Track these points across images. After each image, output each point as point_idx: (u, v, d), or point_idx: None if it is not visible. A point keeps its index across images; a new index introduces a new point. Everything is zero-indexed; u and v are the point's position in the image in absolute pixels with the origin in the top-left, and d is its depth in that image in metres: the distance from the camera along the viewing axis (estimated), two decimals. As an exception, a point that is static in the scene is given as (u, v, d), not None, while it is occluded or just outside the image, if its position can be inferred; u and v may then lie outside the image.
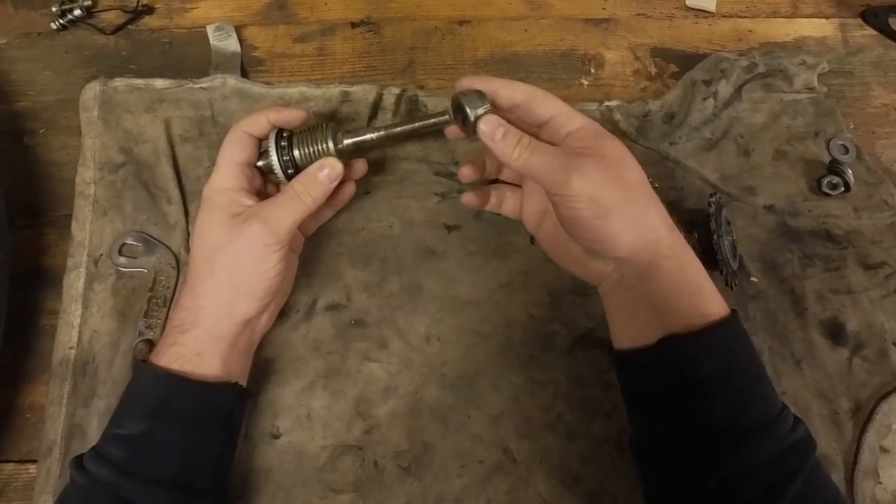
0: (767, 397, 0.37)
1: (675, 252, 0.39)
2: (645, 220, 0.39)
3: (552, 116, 0.41)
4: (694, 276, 0.39)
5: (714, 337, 0.37)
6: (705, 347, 0.37)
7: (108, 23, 0.59)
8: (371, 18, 0.60)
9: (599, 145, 0.40)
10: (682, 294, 0.38)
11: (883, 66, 0.59)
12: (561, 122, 0.41)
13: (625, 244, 0.39)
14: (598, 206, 0.38)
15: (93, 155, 0.52)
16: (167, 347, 0.40)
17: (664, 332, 0.38)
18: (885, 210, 0.52)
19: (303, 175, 0.43)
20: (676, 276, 0.39)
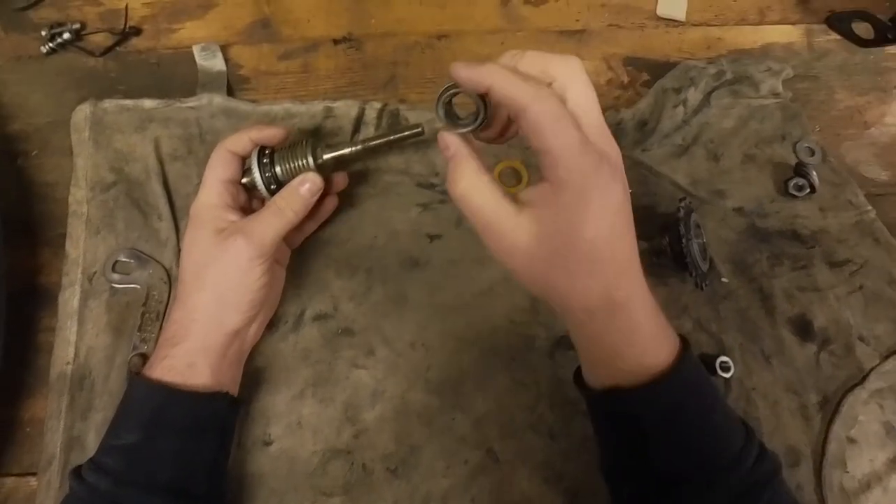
0: (721, 439, 0.36)
1: (619, 307, 0.35)
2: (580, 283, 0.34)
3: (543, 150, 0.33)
4: (639, 329, 0.36)
5: (656, 392, 0.35)
6: (646, 402, 0.36)
7: (97, 45, 0.61)
8: (353, 35, 0.61)
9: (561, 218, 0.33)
10: (623, 351, 0.36)
11: (847, 70, 0.61)
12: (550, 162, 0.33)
13: (556, 305, 0.37)
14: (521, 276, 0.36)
15: (85, 175, 0.54)
16: (159, 360, 0.41)
17: (608, 379, 0.37)
18: (850, 210, 0.54)
19: (284, 190, 0.45)
20: (617, 334, 0.35)
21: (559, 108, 0.32)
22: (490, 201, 0.35)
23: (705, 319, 0.50)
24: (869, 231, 0.53)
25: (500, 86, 0.33)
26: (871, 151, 0.58)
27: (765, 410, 0.47)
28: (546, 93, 0.32)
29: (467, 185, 0.35)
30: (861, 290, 0.51)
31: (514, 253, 0.35)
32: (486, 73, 0.33)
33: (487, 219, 0.35)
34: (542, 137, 0.32)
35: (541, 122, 0.32)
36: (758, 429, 0.47)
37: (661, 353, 0.36)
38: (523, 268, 0.35)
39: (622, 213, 0.34)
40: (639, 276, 0.36)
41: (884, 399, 0.48)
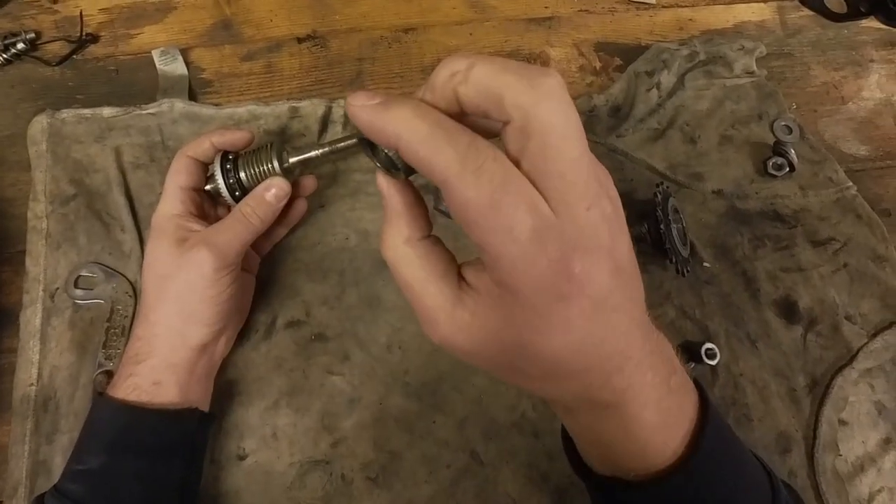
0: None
1: (608, 407, 0.26)
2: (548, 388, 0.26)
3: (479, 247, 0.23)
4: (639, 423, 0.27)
5: (665, 486, 0.28)
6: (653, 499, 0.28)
7: (53, 54, 0.58)
8: (317, 32, 0.59)
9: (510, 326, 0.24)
10: (619, 447, 0.28)
11: (821, 46, 0.59)
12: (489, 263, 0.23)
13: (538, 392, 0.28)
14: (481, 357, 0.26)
15: (43, 189, 0.51)
16: (123, 379, 0.39)
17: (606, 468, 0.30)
18: (831, 187, 0.52)
19: (249, 197, 0.42)
20: (608, 431, 0.27)
21: (498, 190, 0.21)
22: (419, 282, 0.25)
23: (689, 306, 0.48)
24: (850, 207, 0.51)
25: (411, 147, 0.22)
26: (849, 126, 0.56)
27: (753, 396, 0.45)
28: (478, 162, 0.21)
29: (392, 252, 0.26)
30: (845, 268, 0.49)
31: (452, 347, 0.25)
32: (393, 122, 0.22)
33: (416, 302, 0.26)
34: (471, 230, 0.22)
35: (468, 209, 0.21)
36: (747, 415, 0.45)
37: (672, 444, 0.28)
38: (467, 359, 0.26)
39: (606, 308, 0.23)
40: (641, 363, 0.26)
41: (874, 378, 0.46)
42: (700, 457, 0.28)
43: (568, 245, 0.22)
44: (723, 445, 0.30)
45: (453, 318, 0.25)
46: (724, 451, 0.30)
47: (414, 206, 0.26)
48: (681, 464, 0.28)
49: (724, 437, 0.30)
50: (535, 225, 0.21)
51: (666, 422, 0.28)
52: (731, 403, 0.45)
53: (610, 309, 0.24)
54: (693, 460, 0.28)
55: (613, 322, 0.24)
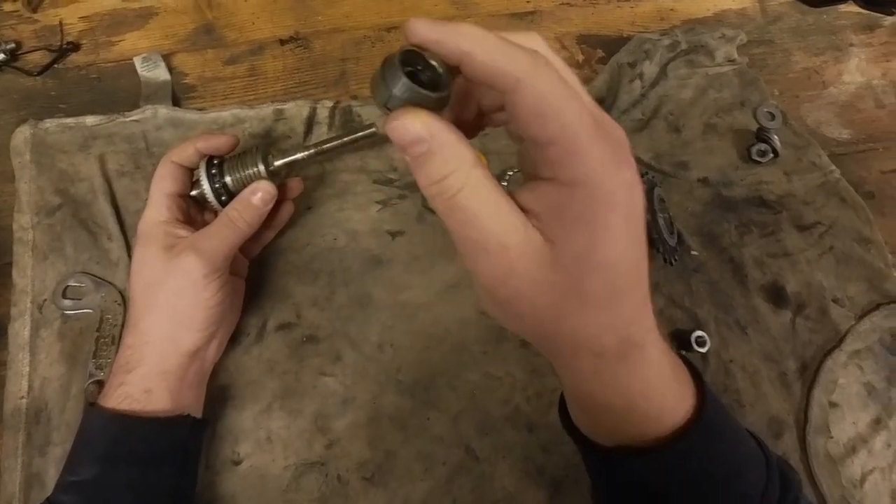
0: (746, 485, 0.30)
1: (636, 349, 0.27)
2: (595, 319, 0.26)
3: (547, 139, 0.23)
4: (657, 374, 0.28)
5: (682, 450, 0.28)
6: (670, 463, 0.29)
7: (35, 64, 0.57)
8: (300, 34, 0.58)
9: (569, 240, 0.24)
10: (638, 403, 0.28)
11: (801, 32, 0.59)
12: (557, 155, 0.23)
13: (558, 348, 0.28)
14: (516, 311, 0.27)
15: (28, 199, 0.50)
16: (114, 388, 0.38)
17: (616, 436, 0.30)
18: (815, 171, 0.52)
19: (236, 201, 0.41)
20: (632, 382, 0.28)
21: (564, 83, 0.23)
22: (492, 208, 0.24)
23: (678, 294, 0.47)
24: (835, 191, 0.51)
25: (483, 53, 0.23)
26: (831, 111, 0.55)
27: (744, 382, 0.45)
28: (544, 62, 0.23)
29: (462, 183, 0.24)
30: (831, 251, 0.49)
31: (519, 279, 0.25)
32: (463, 36, 0.23)
33: (487, 231, 0.24)
34: (544, 123, 0.23)
35: (543, 102, 0.23)
36: (738, 401, 0.45)
37: (684, 402, 0.29)
38: (524, 300, 0.25)
39: (643, 225, 0.25)
40: (650, 307, 0.27)
41: (862, 360, 0.46)
42: (704, 422, 0.28)
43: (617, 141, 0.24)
44: (721, 410, 0.31)
45: (527, 238, 0.24)
46: (722, 415, 0.31)
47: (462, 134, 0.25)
48: (691, 426, 0.28)
49: (720, 403, 0.31)
50: (595, 121, 0.23)
51: (677, 377, 0.29)
52: (722, 390, 0.45)
53: (640, 225, 0.25)
54: (702, 422, 0.28)
55: (644, 242, 0.25)
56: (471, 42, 0.23)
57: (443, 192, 0.24)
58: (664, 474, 0.29)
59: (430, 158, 0.24)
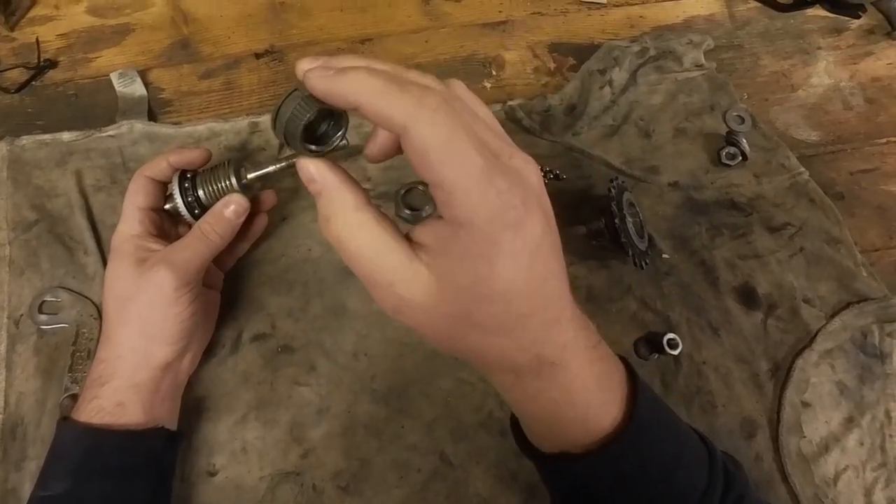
0: (686, 481, 0.30)
1: (551, 366, 0.28)
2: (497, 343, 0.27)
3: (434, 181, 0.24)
4: (579, 386, 0.29)
5: (609, 457, 0.29)
6: (599, 469, 0.29)
7: (12, 81, 0.57)
8: (275, 47, 0.58)
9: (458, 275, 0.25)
10: (562, 415, 0.29)
11: (769, 36, 0.59)
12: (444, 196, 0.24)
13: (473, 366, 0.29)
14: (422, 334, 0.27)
15: (5, 216, 0.50)
16: (87, 402, 0.38)
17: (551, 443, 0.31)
18: (784, 173, 0.52)
19: (208, 214, 0.41)
20: (551, 396, 0.28)
21: (452, 125, 0.23)
22: (374, 246, 0.26)
23: (650, 298, 0.47)
24: (804, 192, 0.51)
25: (369, 102, 0.24)
26: (800, 113, 0.56)
27: (717, 383, 0.45)
28: (432, 105, 0.23)
29: (342, 225, 0.26)
30: (801, 252, 0.49)
31: (410, 310, 0.26)
32: (350, 85, 0.24)
33: (371, 269, 0.26)
34: (429, 167, 0.24)
35: (427, 148, 0.23)
36: (711, 402, 0.45)
37: (610, 408, 0.29)
38: (422, 327, 0.27)
39: (544, 251, 0.26)
40: (573, 321, 0.28)
41: (834, 359, 0.46)
42: (637, 422, 0.29)
43: (511, 180, 0.24)
44: (657, 411, 0.31)
45: (412, 273, 0.25)
46: (658, 417, 0.31)
47: (349, 178, 0.27)
48: (620, 431, 0.29)
49: (657, 404, 0.32)
50: (485, 163, 0.24)
51: (601, 384, 0.29)
52: (695, 391, 0.45)
53: (547, 251, 0.26)
54: (631, 426, 0.29)
55: (551, 266, 0.26)
56: (356, 91, 0.24)
57: (328, 231, 0.27)
58: (598, 478, 0.29)
59: (319, 198, 0.27)
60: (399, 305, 0.26)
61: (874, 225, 0.52)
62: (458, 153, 0.24)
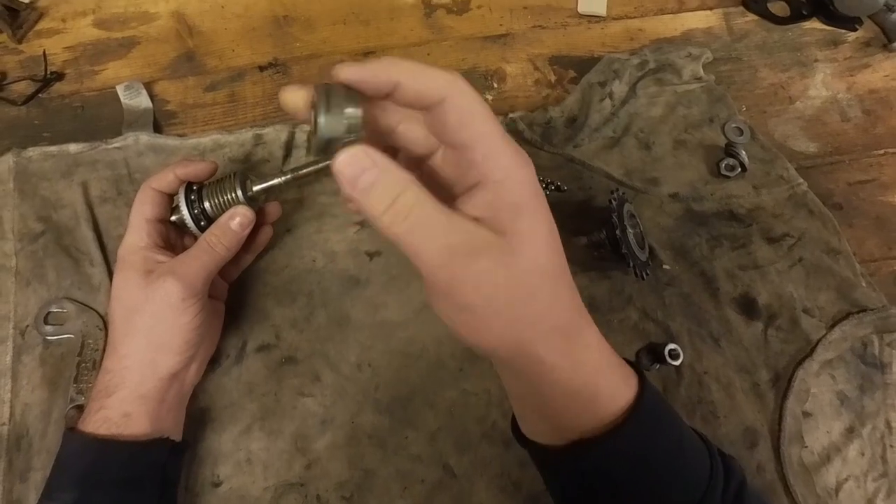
0: (693, 470, 0.31)
1: (563, 354, 0.29)
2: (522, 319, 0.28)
3: (472, 143, 0.27)
4: (589, 377, 0.30)
5: (619, 440, 0.29)
6: (614, 452, 0.30)
7: (19, 94, 0.57)
8: (278, 60, 0.59)
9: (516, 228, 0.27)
10: (573, 403, 0.30)
11: (767, 49, 0.60)
12: (481, 158, 0.27)
13: (488, 344, 0.28)
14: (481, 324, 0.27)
15: (12, 227, 0.50)
16: (94, 413, 0.38)
17: (560, 435, 0.31)
18: (783, 184, 0.52)
19: (214, 226, 0.42)
20: (565, 384, 0.29)
21: (478, 98, 0.27)
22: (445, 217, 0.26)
23: (651, 308, 0.48)
24: (802, 203, 0.52)
25: (411, 78, 0.26)
26: (798, 125, 0.56)
27: (718, 393, 0.45)
28: (462, 81, 0.27)
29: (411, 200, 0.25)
30: (801, 262, 0.50)
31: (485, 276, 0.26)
32: (392, 67, 0.26)
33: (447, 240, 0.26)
34: (468, 128, 0.26)
35: (465, 112, 0.26)
36: (713, 412, 0.45)
37: (623, 391, 0.30)
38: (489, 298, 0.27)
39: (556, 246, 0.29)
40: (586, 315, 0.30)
41: (834, 369, 0.47)
42: (647, 405, 0.30)
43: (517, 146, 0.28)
44: (662, 403, 0.32)
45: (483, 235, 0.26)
46: (663, 404, 0.32)
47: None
48: (631, 414, 0.30)
49: (661, 398, 0.32)
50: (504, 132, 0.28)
51: (612, 363, 0.31)
52: (696, 402, 0.45)
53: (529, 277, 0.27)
54: (642, 409, 0.30)
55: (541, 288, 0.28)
56: (397, 70, 0.26)
57: (397, 214, 0.25)
58: (611, 464, 0.30)
59: (377, 185, 0.25)
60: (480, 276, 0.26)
61: (873, 235, 0.52)
62: (491, 119, 0.27)
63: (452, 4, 0.62)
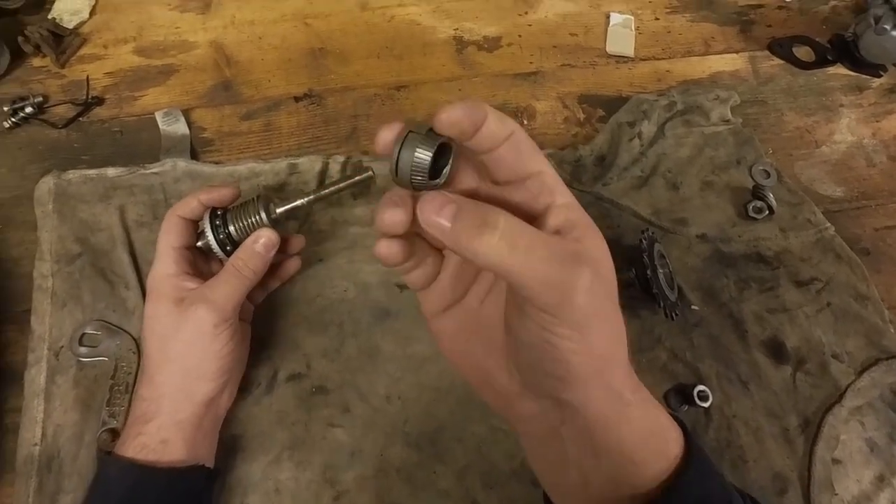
0: None
1: (637, 397, 0.28)
2: (616, 362, 0.27)
3: (538, 172, 0.27)
4: (655, 417, 0.29)
5: (688, 481, 0.28)
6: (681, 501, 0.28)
7: (60, 117, 0.59)
8: (313, 91, 0.60)
9: (591, 244, 0.26)
10: (648, 446, 0.28)
11: (792, 93, 0.61)
12: (547, 182, 0.27)
13: (585, 391, 0.27)
14: (585, 341, 0.25)
15: (49, 248, 0.51)
16: (132, 438, 0.39)
17: (627, 495, 0.28)
18: (810, 228, 0.53)
19: (240, 249, 0.42)
20: (642, 427, 0.28)
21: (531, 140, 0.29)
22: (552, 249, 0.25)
23: (679, 349, 0.48)
24: (830, 247, 0.52)
25: (491, 119, 0.26)
26: (824, 169, 0.57)
27: (747, 437, 0.45)
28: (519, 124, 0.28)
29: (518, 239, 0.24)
30: (829, 307, 0.50)
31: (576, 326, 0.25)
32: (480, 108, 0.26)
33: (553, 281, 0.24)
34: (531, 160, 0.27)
35: (527, 148, 0.27)
36: (742, 457, 0.45)
37: (676, 435, 0.29)
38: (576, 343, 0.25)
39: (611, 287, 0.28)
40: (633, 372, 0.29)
41: (864, 416, 0.47)
42: (695, 457, 0.29)
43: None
44: (708, 461, 0.31)
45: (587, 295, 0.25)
46: (710, 466, 0.30)
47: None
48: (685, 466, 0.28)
49: (707, 457, 0.31)
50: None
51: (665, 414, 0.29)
52: (725, 446, 0.45)
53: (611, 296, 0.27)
54: (691, 460, 0.28)
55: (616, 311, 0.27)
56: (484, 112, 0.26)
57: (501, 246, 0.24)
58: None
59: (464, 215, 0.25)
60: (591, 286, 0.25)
61: (900, 282, 0.52)
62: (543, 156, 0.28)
63: (483, 42, 0.63)
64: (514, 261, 0.24)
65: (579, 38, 0.64)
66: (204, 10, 0.65)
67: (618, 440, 0.28)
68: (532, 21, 0.65)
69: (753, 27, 0.65)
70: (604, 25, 0.64)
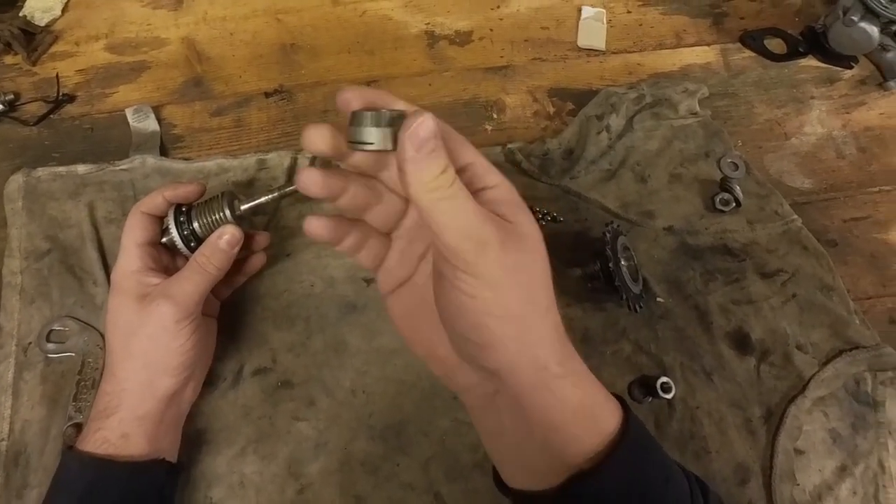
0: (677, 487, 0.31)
1: (567, 369, 0.30)
2: (536, 329, 0.29)
3: (469, 163, 0.29)
4: (589, 391, 0.31)
5: (620, 459, 0.29)
6: (613, 477, 0.29)
7: (31, 114, 0.59)
8: (284, 87, 0.61)
9: (518, 220, 0.29)
10: (578, 419, 0.30)
11: (763, 85, 0.61)
12: (477, 172, 0.30)
13: (505, 356, 0.29)
14: (498, 302, 0.28)
15: (19, 245, 0.52)
16: (92, 433, 0.39)
17: (559, 466, 0.30)
18: (777, 220, 0.53)
19: (204, 246, 0.43)
20: (571, 399, 0.30)
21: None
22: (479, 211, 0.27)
23: (644, 341, 0.48)
24: (797, 239, 0.52)
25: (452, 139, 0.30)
26: (793, 161, 0.57)
27: (710, 428, 0.46)
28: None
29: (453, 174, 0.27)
30: (794, 298, 0.50)
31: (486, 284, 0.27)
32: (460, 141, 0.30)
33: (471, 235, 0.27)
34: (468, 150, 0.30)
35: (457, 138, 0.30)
36: (705, 447, 0.45)
37: (612, 410, 0.31)
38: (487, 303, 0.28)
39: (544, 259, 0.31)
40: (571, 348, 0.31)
41: (827, 406, 0.47)
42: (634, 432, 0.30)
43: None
44: (646, 438, 0.32)
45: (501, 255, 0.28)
46: (647, 442, 0.32)
47: None
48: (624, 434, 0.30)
49: (646, 433, 0.32)
50: None
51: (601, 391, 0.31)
52: (688, 437, 0.45)
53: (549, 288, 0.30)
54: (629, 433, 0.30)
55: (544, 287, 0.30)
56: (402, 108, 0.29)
57: (443, 184, 0.26)
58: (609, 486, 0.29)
59: (436, 155, 0.26)
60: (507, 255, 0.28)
61: (867, 273, 0.53)
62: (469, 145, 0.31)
63: (455, 36, 0.64)
64: (447, 209, 0.27)
65: (551, 31, 0.64)
66: (176, 7, 0.65)
67: (543, 410, 0.29)
68: (504, 15, 0.65)
69: (726, 19, 0.65)
70: (576, 19, 0.64)
